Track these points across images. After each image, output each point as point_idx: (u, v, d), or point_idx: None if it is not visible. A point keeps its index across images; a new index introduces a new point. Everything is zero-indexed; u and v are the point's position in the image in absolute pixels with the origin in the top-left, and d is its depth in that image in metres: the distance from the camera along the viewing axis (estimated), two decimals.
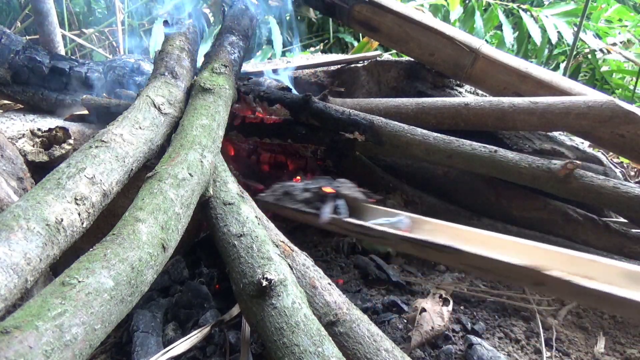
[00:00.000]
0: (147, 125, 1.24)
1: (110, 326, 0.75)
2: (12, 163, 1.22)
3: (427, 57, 1.98)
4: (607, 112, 1.53)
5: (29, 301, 0.68)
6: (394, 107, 1.77)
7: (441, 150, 1.49)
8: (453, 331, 1.26)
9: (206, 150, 1.19)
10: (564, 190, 1.42)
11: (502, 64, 1.86)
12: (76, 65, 1.94)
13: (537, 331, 1.28)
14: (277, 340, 0.85)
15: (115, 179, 1.04)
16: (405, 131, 1.54)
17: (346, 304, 1.03)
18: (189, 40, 1.74)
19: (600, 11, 3.60)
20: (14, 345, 0.59)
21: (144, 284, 0.84)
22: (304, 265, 1.10)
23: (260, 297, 0.92)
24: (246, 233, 1.06)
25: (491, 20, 3.51)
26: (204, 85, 1.43)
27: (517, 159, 1.44)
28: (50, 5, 2.46)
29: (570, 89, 1.78)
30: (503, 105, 1.65)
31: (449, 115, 1.70)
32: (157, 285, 1.32)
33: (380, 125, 1.56)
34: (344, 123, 1.60)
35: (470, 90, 2.15)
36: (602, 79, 3.52)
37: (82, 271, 0.74)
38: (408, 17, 1.95)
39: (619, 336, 1.30)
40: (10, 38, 1.87)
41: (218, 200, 1.16)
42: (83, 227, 0.92)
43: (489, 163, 1.45)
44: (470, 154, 1.47)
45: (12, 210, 0.81)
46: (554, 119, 1.58)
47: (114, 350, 1.18)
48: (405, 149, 1.54)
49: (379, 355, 0.93)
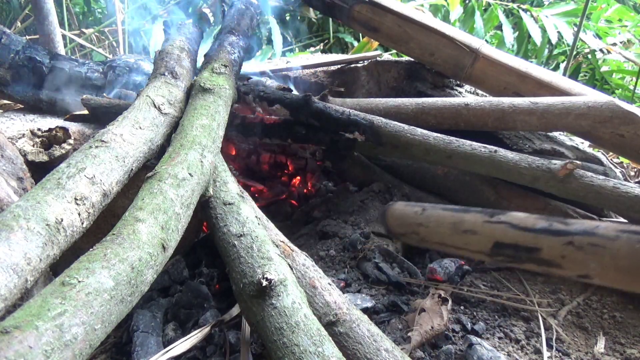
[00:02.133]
0: (147, 125, 1.24)
1: (110, 326, 0.75)
2: (12, 163, 1.22)
3: (427, 57, 1.98)
4: (607, 112, 1.54)
5: (29, 301, 0.68)
6: (394, 107, 1.77)
7: (441, 150, 1.49)
8: (453, 331, 1.26)
9: (206, 150, 1.19)
10: (564, 190, 1.42)
11: (502, 64, 1.87)
12: (76, 65, 1.94)
13: (537, 331, 1.28)
14: (277, 340, 0.85)
15: (115, 179, 1.04)
16: (405, 131, 1.54)
17: (346, 304, 1.03)
18: (189, 40, 1.74)
19: (600, 11, 3.60)
20: (14, 345, 0.59)
21: (144, 284, 0.84)
22: (304, 265, 1.10)
23: (260, 297, 0.92)
24: (246, 233, 1.06)
25: (491, 20, 3.51)
26: (204, 85, 1.43)
27: (517, 159, 1.44)
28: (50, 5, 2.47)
29: (570, 89, 1.78)
30: (503, 105, 1.66)
31: (449, 115, 1.70)
32: (157, 285, 1.31)
33: (380, 125, 1.56)
34: (344, 123, 1.60)
35: (470, 90, 2.15)
36: (602, 79, 3.52)
37: (82, 271, 0.74)
38: (408, 17, 1.95)
39: (619, 336, 1.30)
40: (10, 38, 1.87)
41: (218, 200, 1.16)
42: (83, 227, 0.92)
43: (488, 163, 1.45)
44: (470, 154, 1.47)
45: (12, 210, 0.81)
46: (554, 119, 1.58)
47: (114, 350, 1.18)
48: (405, 149, 1.54)
49: (379, 355, 0.94)
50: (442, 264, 1.50)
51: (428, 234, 1.41)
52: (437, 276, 1.44)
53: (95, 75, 1.94)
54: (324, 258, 1.59)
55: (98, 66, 1.99)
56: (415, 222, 1.45)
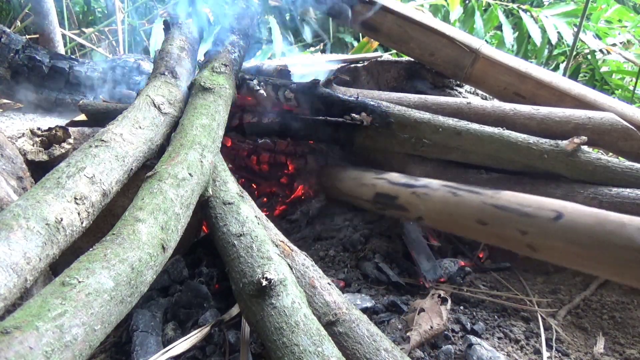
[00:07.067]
0: (147, 124, 1.23)
1: (110, 327, 0.74)
2: (12, 162, 1.22)
3: (427, 57, 1.98)
4: (607, 124, 1.55)
5: (29, 301, 0.68)
6: (396, 99, 1.78)
7: (450, 127, 1.51)
8: (452, 331, 1.26)
9: (206, 150, 1.18)
10: (573, 165, 1.42)
11: (502, 64, 1.87)
12: (76, 64, 1.94)
13: (537, 331, 1.28)
14: (277, 340, 0.85)
15: (115, 178, 1.04)
16: (413, 111, 1.58)
17: (345, 304, 1.03)
18: (189, 40, 1.74)
19: (600, 12, 3.60)
20: (14, 346, 0.59)
21: (143, 285, 0.84)
22: (304, 265, 1.10)
23: (260, 297, 0.92)
24: (246, 233, 1.06)
25: (491, 21, 3.51)
26: (204, 84, 1.42)
27: (525, 136, 1.46)
28: (50, 4, 2.46)
29: (570, 89, 1.79)
30: (504, 107, 1.67)
31: (451, 112, 1.70)
32: (157, 284, 1.31)
33: (388, 105, 1.60)
34: (351, 105, 1.63)
35: (470, 91, 2.15)
36: (602, 80, 3.52)
37: (82, 271, 0.74)
38: (408, 17, 1.95)
39: (619, 336, 1.30)
40: (10, 37, 1.87)
41: (218, 199, 1.16)
42: (83, 226, 0.92)
43: (498, 139, 1.46)
44: (479, 130, 1.49)
45: (12, 209, 0.81)
46: (554, 125, 1.59)
47: (114, 349, 1.18)
48: (413, 127, 1.56)
49: (378, 355, 0.94)
50: (442, 265, 1.50)
51: (342, 187, 1.78)
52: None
53: (95, 75, 1.94)
54: (324, 258, 1.59)
55: (98, 66, 1.99)
56: (336, 178, 1.84)
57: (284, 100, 1.71)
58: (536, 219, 1.20)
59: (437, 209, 1.39)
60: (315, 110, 1.69)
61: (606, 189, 1.38)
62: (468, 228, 1.36)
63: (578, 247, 1.15)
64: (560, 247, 1.18)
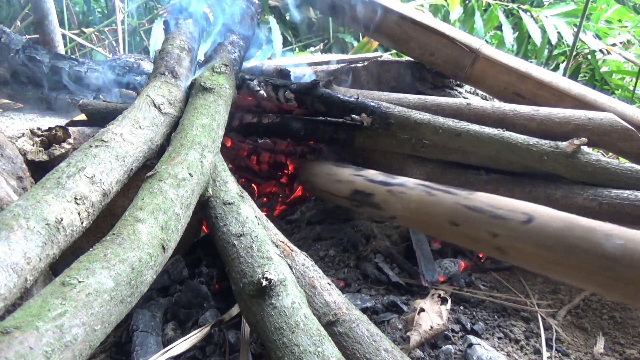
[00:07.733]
0: (147, 124, 1.23)
1: (110, 327, 0.74)
2: (12, 162, 1.22)
3: (427, 57, 1.99)
4: (606, 125, 1.54)
5: (29, 301, 0.68)
6: (396, 100, 1.78)
7: (450, 128, 1.51)
8: (452, 331, 1.26)
9: (206, 150, 1.19)
10: (573, 167, 1.41)
11: (502, 64, 1.87)
12: (76, 64, 1.94)
13: (537, 331, 1.28)
14: (277, 340, 0.85)
15: (115, 178, 1.04)
16: (413, 112, 1.57)
17: (345, 304, 1.03)
18: (189, 40, 1.74)
19: (600, 12, 3.60)
20: (14, 346, 0.59)
21: (143, 285, 0.84)
22: (304, 265, 1.10)
23: (260, 297, 0.92)
24: (246, 233, 1.06)
25: (491, 21, 3.51)
26: (204, 84, 1.42)
27: (525, 137, 1.46)
28: (50, 4, 2.46)
29: (570, 89, 1.79)
30: (504, 108, 1.67)
31: (450, 112, 1.70)
32: (157, 284, 1.31)
33: (389, 107, 1.60)
34: (351, 106, 1.62)
35: (470, 91, 2.15)
36: (602, 80, 3.52)
37: (82, 271, 0.74)
38: (408, 17, 1.95)
39: (619, 336, 1.30)
40: (10, 37, 1.87)
41: (218, 199, 1.16)
42: (83, 226, 0.92)
43: (498, 141, 1.46)
44: (479, 131, 1.48)
45: (12, 209, 0.81)
46: (554, 126, 1.59)
47: (114, 349, 1.18)
48: (413, 128, 1.55)
49: (378, 355, 0.94)
50: (442, 265, 1.50)
51: (317, 182, 1.74)
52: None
53: (95, 75, 1.94)
54: (324, 258, 1.59)
55: (98, 66, 1.99)
56: (311, 172, 1.78)
57: (284, 101, 1.71)
58: (507, 222, 1.17)
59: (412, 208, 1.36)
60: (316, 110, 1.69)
61: (606, 191, 1.37)
62: (441, 228, 1.33)
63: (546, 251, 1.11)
64: (528, 251, 1.14)
